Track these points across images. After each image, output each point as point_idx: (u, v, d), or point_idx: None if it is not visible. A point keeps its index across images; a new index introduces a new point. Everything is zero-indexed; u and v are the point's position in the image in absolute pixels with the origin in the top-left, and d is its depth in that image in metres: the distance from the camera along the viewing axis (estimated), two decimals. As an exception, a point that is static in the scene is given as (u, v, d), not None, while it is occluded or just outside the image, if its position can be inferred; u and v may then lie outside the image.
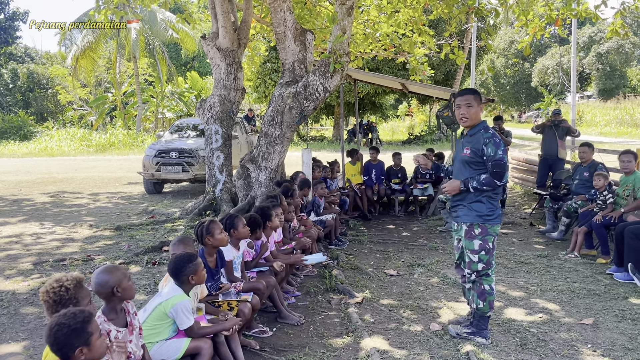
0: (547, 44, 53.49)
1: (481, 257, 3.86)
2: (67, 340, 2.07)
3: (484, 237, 3.84)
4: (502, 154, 3.74)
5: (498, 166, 3.72)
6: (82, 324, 2.10)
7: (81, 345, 2.09)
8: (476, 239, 3.85)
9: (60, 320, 2.09)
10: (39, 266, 6.09)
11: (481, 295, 3.90)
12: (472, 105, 3.86)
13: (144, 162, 11.68)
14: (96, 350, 2.13)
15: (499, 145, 3.75)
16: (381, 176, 9.77)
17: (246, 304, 3.70)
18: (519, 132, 29.06)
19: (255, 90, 27.55)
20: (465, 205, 3.89)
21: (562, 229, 7.33)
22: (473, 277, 3.92)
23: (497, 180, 3.74)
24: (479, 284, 3.91)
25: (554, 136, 9.31)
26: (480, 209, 3.83)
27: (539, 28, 8.60)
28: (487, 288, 3.90)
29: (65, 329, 2.07)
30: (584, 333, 4.15)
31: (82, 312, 2.14)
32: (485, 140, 3.78)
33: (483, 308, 3.92)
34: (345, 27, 7.13)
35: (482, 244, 3.84)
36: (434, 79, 25.48)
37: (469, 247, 3.89)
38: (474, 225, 3.85)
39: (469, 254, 3.90)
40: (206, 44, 8.70)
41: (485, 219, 3.82)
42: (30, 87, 40.43)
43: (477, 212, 3.84)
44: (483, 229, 3.83)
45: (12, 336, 4.16)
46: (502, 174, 3.73)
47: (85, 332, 2.10)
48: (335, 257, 6.30)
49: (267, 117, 7.62)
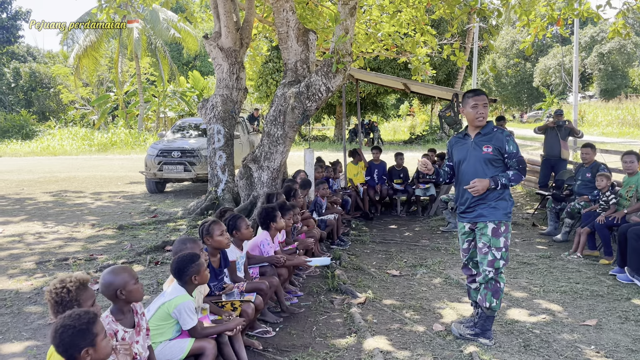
0: (548, 44, 53.47)
1: (503, 255, 3.89)
2: (73, 341, 2.07)
3: (507, 234, 3.92)
4: (518, 150, 3.90)
5: (522, 162, 3.89)
6: (87, 324, 2.10)
7: (87, 346, 2.09)
8: (502, 236, 3.89)
9: (66, 322, 2.09)
10: (42, 265, 6.10)
11: (495, 293, 3.89)
12: (487, 105, 3.98)
13: (146, 162, 11.68)
14: (102, 350, 2.14)
15: (516, 143, 3.92)
16: (383, 176, 9.77)
17: (249, 304, 3.71)
18: (520, 132, 29.02)
19: (257, 89, 27.56)
20: (490, 203, 3.89)
21: (565, 230, 7.32)
22: (492, 274, 3.89)
23: (523, 175, 3.90)
24: (494, 281, 3.90)
25: (556, 137, 9.30)
26: (506, 206, 3.91)
27: (540, 28, 8.59)
28: (501, 286, 3.92)
29: (71, 330, 2.07)
30: (587, 334, 4.15)
31: (87, 313, 2.14)
32: (507, 138, 3.91)
33: (495, 307, 3.91)
34: (348, 27, 7.13)
35: (506, 241, 3.91)
36: (436, 78, 25.47)
37: (495, 245, 3.87)
38: (501, 223, 3.89)
39: (494, 252, 3.88)
40: (208, 44, 8.71)
41: (509, 217, 3.92)
42: (32, 86, 40.47)
43: (503, 210, 3.89)
44: (507, 226, 3.91)
45: (16, 335, 4.16)
46: (525, 169, 3.89)
47: (91, 333, 2.10)
48: (338, 257, 6.30)
49: (269, 117, 7.62)
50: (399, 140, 32.59)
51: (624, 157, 6.42)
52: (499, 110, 52.82)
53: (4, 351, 3.89)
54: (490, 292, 3.91)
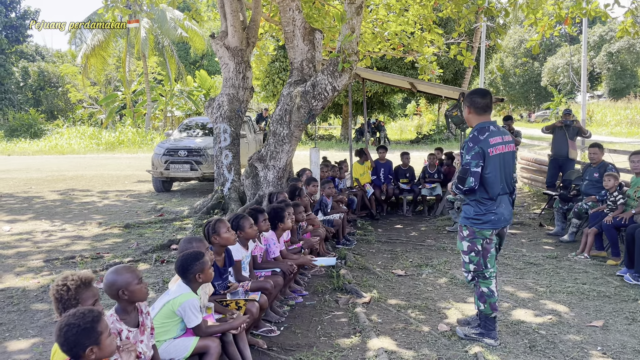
0: (557, 43, 53.17)
1: (471, 258, 3.92)
2: (77, 339, 2.08)
3: (472, 239, 3.89)
4: (470, 159, 3.74)
5: (463, 171, 3.79)
6: (92, 323, 2.11)
7: (91, 344, 2.10)
8: (465, 240, 3.93)
9: (70, 320, 2.10)
10: (49, 263, 6.14)
11: (480, 297, 3.94)
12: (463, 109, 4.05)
13: (153, 161, 11.73)
14: (106, 349, 2.14)
15: (471, 150, 3.76)
16: (389, 176, 9.75)
17: (254, 303, 3.71)
18: (528, 131, 28.86)
19: (263, 89, 27.60)
20: (461, 208, 4.04)
21: (572, 231, 7.27)
22: (469, 277, 3.98)
23: (460, 185, 3.81)
24: (477, 286, 3.95)
25: (564, 136, 9.24)
26: (468, 212, 3.90)
27: (548, 27, 8.53)
28: (485, 290, 3.91)
29: (75, 329, 2.08)
30: (594, 335, 4.12)
31: (91, 312, 2.15)
32: (464, 144, 3.88)
33: (484, 310, 3.93)
34: (354, 26, 7.12)
35: (471, 246, 3.90)
36: (443, 78, 25.37)
37: (459, 248, 4.01)
38: (463, 227, 3.95)
39: (461, 254, 4.01)
40: (215, 43, 8.72)
41: (472, 222, 3.87)
42: (41, 85, 40.75)
43: (464, 214, 3.94)
44: (470, 231, 3.89)
45: (22, 333, 4.19)
46: (464, 179, 3.76)
47: (95, 332, 2.11)
48: (343, 256, 6.29)
49: (275, 116, 7.63)
50: (405, 140, 32.53)
51: (632, 157, 6.36)
52: (507, 110, 52.58)
53: (10, 348, 3.92)
54: (476, 296, 3.97)
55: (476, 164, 3.72)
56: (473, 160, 3.72)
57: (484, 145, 3.74)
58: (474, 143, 3.76)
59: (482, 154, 3.73)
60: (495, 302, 3.92)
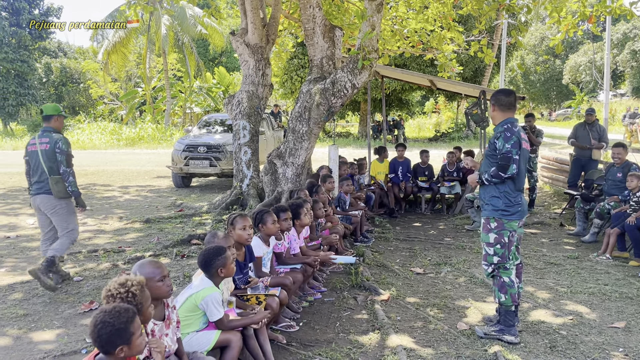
0: (579, 41, 52.29)
1: (496, 250, 3.98)
2: (110, 338, 2.13)
3: (500, 231, 3.96)
4: (510, 147, 3.85)
5: (504, 159, 3.86)
6: (126, 323, 2.15)
7: (123, 344, 2.14)
8: (492, 232, 3.99)
9: (105, 318, 2.14)
10: (72, 256, 6.26)
11: (502, 288, 3.97)
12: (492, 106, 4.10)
13: (173, 156, 11.86)
14: (135, 348, 2.19)
15: (509, 139, 3.87)
16: (407, 173, 9.72)
17: (274, 298, 3.74)
18: (549, 130, 28.49)
19: (282, 86, 27.66)
20: (485, 200, 4.08)
21: (594, 231, 7.17)
22: (490, 269, 4.03)
23: (501, 172, 3.88)
24: (498, 277, 4.01)
25: (587, 136, 9.08)
26: (497, 203, 3.96)
27: (571, 25, 8.41)
28: (506, 280, 3.96)
29: (109, 328, 2.12)
30: (616, 337, 4.07)
31: (126, 311, 2.19)
32: (499, 134, 3.95)
33: (505, 301, 3.96)
34: (375, 24, 7.10)
35: (498, 238, 3.97)
36: (463, 75, 25.15)
37: (485, 240, 4.06)
38: (490, 219, 4.00)
39: (485, 247, 4.06)
40: (235, 40, 8.78)
41: (501, 214, 3.94)
42: (63, 81, 41.39)
43: (493, 207, 3.99)
44: (499, 223, 3.95)
45: (47, 324, 4.29)
46: (507, 166, 3.85)
47: (128, 332, 2.15)
48: (361, 254, 6.30)
49: (294, 114, 7.65)
50: (423, 138, 32.32)
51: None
52: (527, 108, 51.93)
53: (36, 338, 4.02)
54: (497, 288, 4.02)
55: (516, 152, 3.87)
56: (513, 148, 3.86)
57: (519, 136, 3.91)
58: (511, 133, 3.89)
59: (519, 143, 3.88)
60: (515, 293, 3.96)
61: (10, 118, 32.54)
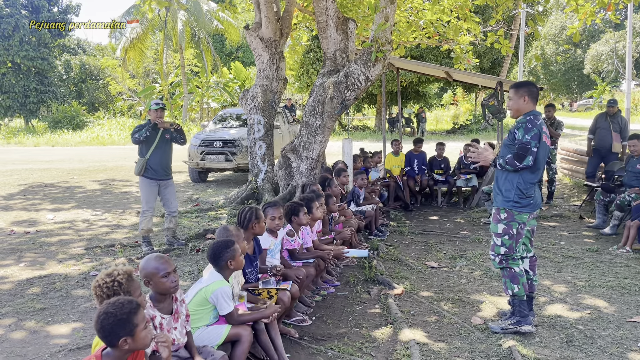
0: (600, 30, 51.16)
1: (504, 241, 3.94)
2: (113, 329, 2.13)
3: (509, 222, 3.92)
4: (530, 139, 3.79)
5: (522, 148, 3.81)
6: (129, 315, 2.15)
7: (125, 335, 2.14)
8: (501, 222, 3.95)
9: (108, 309, 2.15)
10: (90, 251, 6.34)
11: (513, 279, 3.94)
12: (513, 97, 4.01)
13: (189, 151, 11.93)
14: (140, 341, 2.18)
15: (529, 130, 3.82)
16: (423, 166, 9.63)
17: (285, 293, 3.74)
18: (569, 121, 28.01)
19: (297, 79, 27.63)
20: (496, 190, 4.04)
21: (614, 224, 7.03)
22: (497, 260, 3.99)
23: (517, 161, 3.81)
24: (507, 268, 3.97)
25: (608, 128, 8.87)
26: (508, 194, 3.91)
27: (590, 13, 8.20)
28: (516, 270, 3.94)
29: (112, 319, 2.13)
30: (634, 331, 3.98)
31: (130, 303, 2.19)
32: (519, 125, 3.90)
33: (518, 292, 3.92)
34: (388, 15, 7.02)
35: (506, 229, 3.92)
36: (480, 66, 24.84)
37: (493, 230, 4.02)
38: (500, 209, 3.96)
39: (493, 237, 4.03)
40: (249, 34, 8.77)
41: (512, 205, 3.89)
42: (82, 78, 41.90)
43: (504, 197, 3.94)
44: (509, 214, 3.91)
45: (64, 318, 4.35)
46: (523, 156, 3.78)
47: (131, 324, 2.15)
48: (376, 247, 6.27)
49: (308, 107, 7.63)
50: (441, 130, 32.03)
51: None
52: (547, 99, 51.08)
53: (52, 332, 4.08)
54: (508, 279, 3.97)
55: (535, 145, 3.81)
56: (533, 140, 3.80)
57: (541, 129, 3.85)
58: (533, 125, 3.84)
59: (539, 136, 3.83)
60: (525, 283, 3.94)
61: (31, 115, 33.04)
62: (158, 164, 6.17)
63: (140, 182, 6.24)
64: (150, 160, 6.13)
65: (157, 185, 6.26)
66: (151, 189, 6.22)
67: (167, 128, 6.25)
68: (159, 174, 6.21)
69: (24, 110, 32.19)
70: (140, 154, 6.20)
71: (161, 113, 6.19)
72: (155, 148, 6.14)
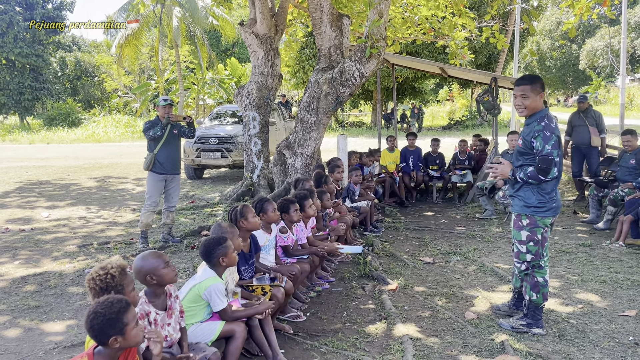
0: (596, 25, 51.21)
1: (529, 248, 3.83)
2: (102, 329, 2.12)
3: (532, 228, 3.79)
4: (551, 149, 3.61)
5: (545, 161, 3.62)
6: (118, 314, 2.14)
7: (115, 334, 2.13)
8: (524, 229, 3.83)
9: (97, 309, 2.14)
10: (84, 248, 6.35)
11: (534, 287, 3.86)
12: (526, 94, 3.74)
13: (185, 148, 11.91)
14: (131, 339, 2.18)
15: (549, 139, 3.63)
16: (419, 162, 9.66)
17: (279, 289, 3.75)
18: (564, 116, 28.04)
19: (293, 76, 27.59)
20: (516, 195, 3.88)
21: (607, 218, 7.07)
22: (523, 267, 3.90)
23: (541, 176, 3.64)
24: (531, 275, 3.88)
25: (584, 124, 8.86)
26: (529, 200, 3.77)
27: (585, 9, 8.23)
28: (540, 280, 3.85)
29: (101, 318, 2.12)
30: (626, 325, 4.02)
31: (119, 302, 2.18)
32: (536, 133, 3.67)
33: (536, 300, 3.87)
34: (382, 11, 7.03)
35: (530, 235, 3.81)
36: (476, 62, 24.85)
37: (516, 237, 3.89)
38: (521, 216, 3.83)
39: (517, 244, 3.90)
40: (244, 31, 8.76)
41: (534, 210, 3.76)
42: (77, 75, 41.77)
43: (525, 203, 3.79)
44: (532, 220, 3.79)
45: (59, 315, 4.36)
46: (548, 169, 3.62)
47: (120, 322, 2.14)
48: (370, 243, 6.29)
49: (303, 104, 7.63)
50: (437, 126, 32.08)
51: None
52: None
53: (47, 330, 4.09)
54: (529, 286, 3.89)
55: (557, 154, 3.62)
56: (554, 150, 3.61)
57: (558, 133, 3.69)
58: (551, 132, 3.64)
59: (559, 143, 3.66)
60: (547, 292, 3.88)
61: (26, 112, 32.97)
62: (166, 158, 6.23)
63: (148, 176, 6.30)
64: (159, 155, 6.19)
65: (164, 181, 6.32)
66: (157, 184, 6.28)
67: (179, 121, 6.35)
68: (166, 168, 6.26)
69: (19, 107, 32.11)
70: (149, 149, 6.26)
71: (169, 109, 6.25)
72: (164, 143, 6.20)
